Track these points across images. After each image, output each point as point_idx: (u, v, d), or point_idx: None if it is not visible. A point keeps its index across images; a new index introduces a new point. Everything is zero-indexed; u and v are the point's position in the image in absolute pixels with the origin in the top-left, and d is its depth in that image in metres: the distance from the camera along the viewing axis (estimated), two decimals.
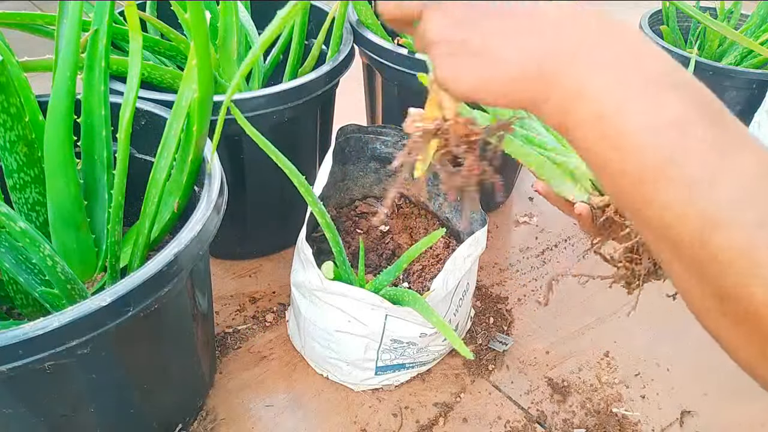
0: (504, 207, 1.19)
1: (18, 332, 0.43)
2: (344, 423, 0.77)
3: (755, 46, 0.84)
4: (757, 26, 1.22)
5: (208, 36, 0.54)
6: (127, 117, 0.59)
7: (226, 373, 0.82)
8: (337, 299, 0.73)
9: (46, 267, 0.53)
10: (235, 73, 0.85)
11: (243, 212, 0.92)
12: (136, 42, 0.60)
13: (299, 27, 0.89)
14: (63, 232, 0.62)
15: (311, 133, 0.92)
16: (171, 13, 0.81)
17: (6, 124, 0.55)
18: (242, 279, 0.97)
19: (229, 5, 0.79)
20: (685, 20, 1.38)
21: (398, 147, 0.98)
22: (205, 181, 0.61)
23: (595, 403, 0.82)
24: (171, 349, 0.63)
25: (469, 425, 0.78)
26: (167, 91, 0.76)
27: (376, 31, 0.95)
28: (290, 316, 0.88)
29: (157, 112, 0.69)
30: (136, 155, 0.71)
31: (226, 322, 0.90)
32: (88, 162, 0.65)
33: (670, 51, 1.19)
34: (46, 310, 0.62)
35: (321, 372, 0.83)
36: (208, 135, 0.63)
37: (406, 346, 0.77)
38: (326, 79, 0.83)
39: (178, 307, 0.60)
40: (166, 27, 0.80)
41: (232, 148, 0.82)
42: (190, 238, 0.53)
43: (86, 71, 0.62)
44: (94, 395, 0.56)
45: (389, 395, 0.81)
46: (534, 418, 0.79)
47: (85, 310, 0.45)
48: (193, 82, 0.57)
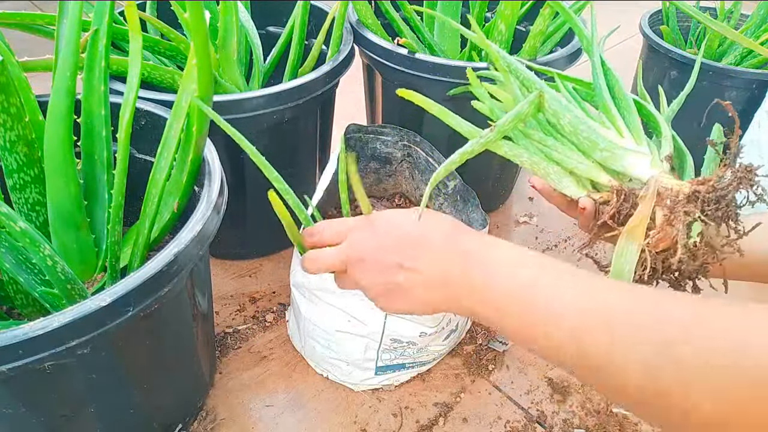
0: (504, 207, 1.19)
1: (18, 332, 0.43)
2: (344, 423, 0.77)
3: (755, 46, 0.84)
4: (757, 26, 1.22)
5: (208, 36, 0.54)
6: (127, 117, 0.59)
7: (226, 373, 0.82)
8: (338, 299, 0.73)
9: (46, 267, 0.53)
10: (235, 73, 0.85)
11: (243, 212, 0.92)
12: (136, 42, 0.60)
13: (299, 27, 0.89)
14: (63, 232, 0.62)
15: (311, 133, 0.92)
16: (171, 13, 0.81)
17: (6, 124, 0.55)
18: (242, 279, 0.97)
19: (229, 5, 0.79)
20: (685, 20, 1.38)
21: (398, 147, 0.98)
22: (205, 181, 0.61)
23: (595, 403, 0.82)
24: (171, 349, 0.63)
25: (469, 425, 0.78)
26: (167, 91, 0.76)
27: (376, 31, 0.95)
28: (290, 316, 0.88)
29: (157, 112, 0.69)
30: (136, 155, 0.71)
31: (226, 322, 0.90)
32: (88, 162, 0.65)
33: (670, 51, 1.19)
34: (46, 310, 0.62)
35: (321, 372, 0.83)
36: (208, 135, 0.63)
37: (406, 346, 0.77)
38: (326, 79, 0.83)
39: (178, 307, 0.60)
40: (166, 27, 0.80)
41: (232, 148, 0.81)
42: (190, 238, 0.53)
43: (86, 71, 0.62)
44: (94, 395, 0.56)
45: (389, 395, 0.81)
46: (534, 418, 0.79)
47: (85, 310, 0.45)
48: (193, 82, 0.57)
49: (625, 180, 0.53)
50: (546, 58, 0.89)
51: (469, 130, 0.58)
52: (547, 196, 0.58)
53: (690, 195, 0.47)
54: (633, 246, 0.48)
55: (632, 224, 0.48)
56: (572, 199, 0.55)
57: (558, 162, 0.55)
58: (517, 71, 0.62)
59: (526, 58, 0.89)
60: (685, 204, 0.46)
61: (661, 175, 0.49)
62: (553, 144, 0.55)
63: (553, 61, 0.88)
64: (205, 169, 0.62)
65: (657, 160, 0.52)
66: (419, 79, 0.87)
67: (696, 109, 0.83)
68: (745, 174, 0.46)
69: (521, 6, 0.95)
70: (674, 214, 0.46)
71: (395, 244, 0.47)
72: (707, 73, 1.13)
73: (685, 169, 0.56)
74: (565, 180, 0.55)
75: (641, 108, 0.59)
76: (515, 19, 0.87)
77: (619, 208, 0.50)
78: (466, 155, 0.48)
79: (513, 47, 0.92)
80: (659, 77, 1.27)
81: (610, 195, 0.51)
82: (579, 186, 0.55)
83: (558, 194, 0.57)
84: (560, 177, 0.55)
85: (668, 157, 0.52)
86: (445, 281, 0.45)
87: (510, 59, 0.64)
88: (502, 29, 0.87)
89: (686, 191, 0.47)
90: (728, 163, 0.47)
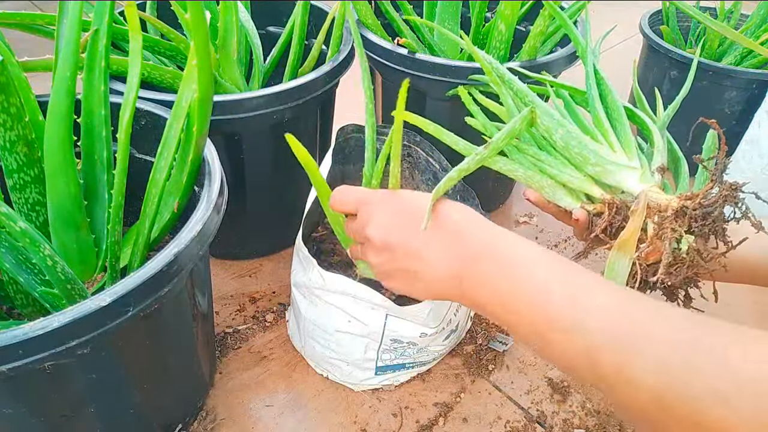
0: (504, 207, 1.19)
1: (18, 332, 0.43)
2: (344, 423, 0.77)
3: (755, 46, 0.84)
4: (757, 26, 1.22)
5: (208, 36, 0.54)
6: (127, 117, 0.58)
7: (226, 373, 0.82)
8: (338, 299, 0.73)
9: (46, 267, 0.53)
10: (235, 73, 0.85)
11: (243, 212, 0.92)
12: (136, 42, 0.60)
13: (299, 27, 0.89)
14: (63, 232, 0.62)
15: (311, 133, 0.92)
16: (171, 13, 0.81)
17: (6, 124, 0.55)
18: (242, 279, 0.97)
19: (229, 5, 0.79)
20: (685, 20, 1.38)
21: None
22: (205, 181, 0.61)
23: (595, 403, 0.82)
24: (171, 349, 0.63)
25: (469, 425, 0.78)
26: (167, 91, 0.76)
27: (376, 31, 0.95)
28: (290, 316, 0.88)
29: (157, 112, 0.69)
30: (136, 155, 0.71)
31: (226, 322, 0.90)
32: (88, 162, 0.65)
33: (670, 51, 1.19)
34: (46, 310, 0.62)
35: (321, 372, 0.83)
36: (208, 135, 0.63)
37: (407, 346, 0.77)
38: (326, 79, 0.83)
39: (178, 307, 0.60)
40: (166, 27, 0.80)
41: (232, 148, 0.82)
42: (190, 238, 0.53)
43: (86, 71, 0.62)
44: (94, 395, 0.56)
45: (389, 395, 0.81)
46: (534, 418, 0.79)
47: (85, 310, 0.45)
48: (193, 82, 0.57)
49: (617, 192, 0.53)
50: (546, 58, 0.89)
51: (465, 147, 0.59)
52: (542, 207, 0.59)
53: (678, 210, 0.47)
54: (624, 259, 0.49)
55: (623, 238, 0.48)
56: (566, 210, 0.56)
57: (551, 176, 0.56)
58: (510, 83, 0.63)
59: (526, 58, 0.89)
60: (672, 220, 0.47)
61: (651, 190, 0.50)
62: (546, 159, 0.56)
63: (553, 62, 0.88)
64: (205, 169, 0.62)
65: (647, 175, 0.53)
66: (419, 79, 0.87)
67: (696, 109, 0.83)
68: (729, 192, 0.47)
69: (521, 6, 0.95)
70: (662, 230, 0.47)
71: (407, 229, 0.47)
72: (707, 73, 1.13)
73: (680, 174, 0.57)
74: (559, 192, 0.56)
75: (634, 116, 0.60)
76: (515, 19, 0.87)
77: (611, 221, 0.51)
78: (462, 172, 0.50)
79: (513, 47, 0.92)
80: (659, 77, 1.27)
81: (602, 207, 0.52)
82: (573, 197, 0.55)
83: (553, 205, 0.58)
84: (554, 190, 0.56)
85: (660, 168, 0.53)
86: (454, 274, 0.45)
87: (503, 70, 0.65)
88: (502, 29, 0.87)
89: (674, 206, 0.48)
90: (715, 179, 0.48)
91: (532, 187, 0.57)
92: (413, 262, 0.47)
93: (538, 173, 0.56)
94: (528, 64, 0.85)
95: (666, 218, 0.47)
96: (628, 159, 0.54)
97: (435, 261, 0.46)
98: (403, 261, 0.47)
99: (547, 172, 0.56)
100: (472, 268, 0.44)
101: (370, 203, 0.51)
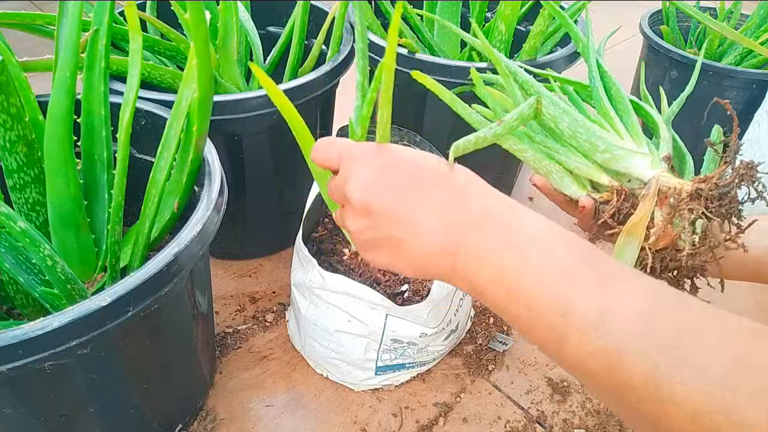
0: None
1: (18, 332, 0.43)
2: (344, 423, 0.77)
3: (755, 46, 0.84)
4: (757, 26, 1.22)
5: (208, 36, 0.54)
6: (127, 117, 0.59)
7: (226, 373, 0.82)
8: (338, 298, 0.73)
9: (46, 267, 0.53)
10: (235, 73, 0.85)
11: (243, 212, 0.92)
12: (136, 42, 0.60)
13: (299, 27, 0.89)
14: (63, 232, 0.62)
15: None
16: (171, 13, 0.81)
17: (6, 124, 0.55)
18: (242, 279, 0.97)
19: (229, 5, 0.79)
20: (685, 20, 1.38)
21: None
22: (205, 181, 0.61)
23: (595, 403, 0.82)
24: (171, 349, 0.63)
25: (469, 425, 0.78)
26: (167, 91, 0.76)
27: (376, 31, 0.95)
28: (290, 316, 0.88)
29: (157, 112, 0.69)
30: (136, 155, 0.71)
31: (226, 322, 0.90)
32: (88, 162, 0.65)
33: (671, 51, 1.19)
34: (46, 310, 0.62)
35: (321, 372, 0.83)
36: (208, 135, 0.63)
37: (407, 346, 0.77)
38: (326, 79, 0.83)
39: (178, 307, 0.60)
40: (166, 27, 0.80)
41: (232, 148, 0.82)
42: (190, 238, 0.53)
43: (86, 71, 0.62)
44: (94, 395, 0.56)
45: (389, 395, 0.81)
46: (534, 418, 0.79)
47: (85, 310, 0.45)
48: (193, 82, 0.57)
49: (625, 180, 0.53)
50: (546, 58, 0.89)
51: (478, 120, 0.57)
52: (548, 194, 0.59)
53: (692, 192, 0.47)
54: (633, 244, 0.48)
55: (633, 221, 0.48)
56: (572, 198, 0.56)
57: (560, 162, 0.55)
58: (516, 74, 0.63)
59: (527, 58, 0.89)
60: (688, 201, 0.46)
61: (662, 174, 0.50)
62: (554, 146, 0.56)
63: (553, 61, 0.88)
64: (205, 169, 0.62)
65: (657, 160, 0.52)
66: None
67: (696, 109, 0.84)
68: (747, 170, 0.46)
69: (521, 6, 0.95)
70: (678, 212, 0.47)
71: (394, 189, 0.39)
72: (707, 73, 1.13)
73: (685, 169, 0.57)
74: (566, 179, 0.55)
75: (640, 109, 0.60)
76: (515, 19, 0.87)
77: (619, 207, 0.50)
78: (480, 140, 0.46)
79: (513, 47, 0.92)
80: (659, 77, 1.27)
81: (610, 195, 0.52)
82: (579, 186, 0.55)
83: (558, 193, 0.57)
84: (561, 176, 0.55)
85: (667, 157, 0.53)
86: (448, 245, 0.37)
87: (510, 64, 0.64)
88: (502, 29, 0.87)
89: (688, 189, 0.47)
90: (729, 161, 0.48)
91: (540, 172, 0.57)
92: (399, 228, 0.38)
93: (546, 158, 0.56)
94: (528, 63, 0.85)
95: (682, 200, 0.47)
96: (636, 146, 0.54)
97: (426, 228, 0.37)
98: (387, 227, 0.38)
99: (555, 158, 0.55)
100: (470, 237, 0.36)
101: (352, 157, 0.42)
